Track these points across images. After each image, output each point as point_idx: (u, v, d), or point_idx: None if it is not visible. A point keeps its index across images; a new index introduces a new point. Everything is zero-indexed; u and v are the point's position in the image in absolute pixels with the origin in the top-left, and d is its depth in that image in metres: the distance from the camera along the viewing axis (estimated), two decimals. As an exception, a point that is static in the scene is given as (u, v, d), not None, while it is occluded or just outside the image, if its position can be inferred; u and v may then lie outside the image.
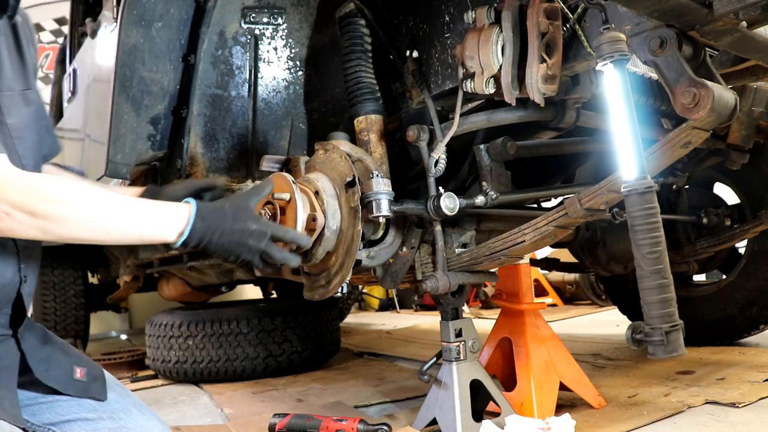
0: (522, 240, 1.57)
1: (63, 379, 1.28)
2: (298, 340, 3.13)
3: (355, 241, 1.53)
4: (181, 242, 1.19)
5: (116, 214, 1.12)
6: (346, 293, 1.60)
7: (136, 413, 1.34)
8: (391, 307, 6.77)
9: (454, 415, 1.66)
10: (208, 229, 1.20)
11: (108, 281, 4.49)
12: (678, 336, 1.08)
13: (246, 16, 1.88)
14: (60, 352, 1.33)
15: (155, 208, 1.19)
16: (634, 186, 1.12)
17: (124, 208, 1.14)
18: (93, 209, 1.08)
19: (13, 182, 1.02)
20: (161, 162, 2.06)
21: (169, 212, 1.19)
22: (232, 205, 1.26)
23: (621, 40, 1.18)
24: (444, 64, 1.70)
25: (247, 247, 1.24)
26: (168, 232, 1.17)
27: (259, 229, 1.26)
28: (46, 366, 1.27)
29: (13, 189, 1.01)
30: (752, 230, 2.47)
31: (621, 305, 3.34)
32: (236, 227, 1.23)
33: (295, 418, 1.87)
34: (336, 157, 1.62)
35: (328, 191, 1.59)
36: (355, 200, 1.53)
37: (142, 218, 1.15)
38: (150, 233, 1.16)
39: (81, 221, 1.07)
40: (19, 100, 1.23)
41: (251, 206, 1.29)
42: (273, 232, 1.28)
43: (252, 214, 1.28)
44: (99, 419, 1.28)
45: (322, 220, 1.55)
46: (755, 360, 2.53)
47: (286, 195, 1.50)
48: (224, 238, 1.22)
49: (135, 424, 1.30)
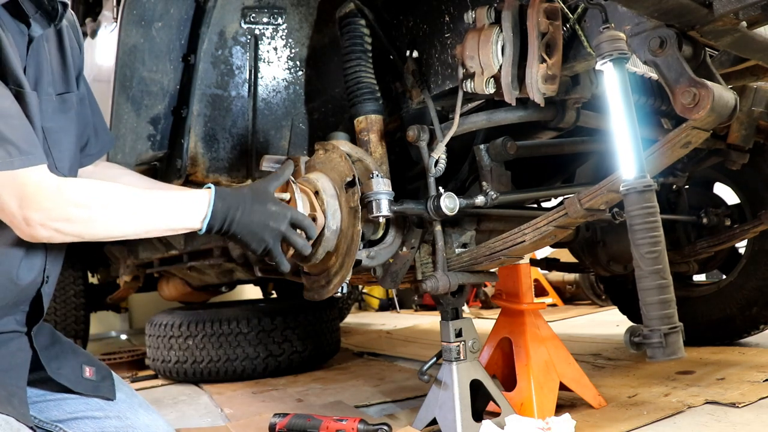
0: (522, 240, 1.57)
1: (73, 377, 1.30)
2: (298, 340, 3.13)
3: (355, 241, 1.53)
4: (206, 227, 1.22)
5: (144, 210, 1.16)
6: (346, 293, 1.60)
7: (142, 413, 1.35)
8: (391, 307, 6.77)
9: (454, 415, 1.66)
10: (230, 209, 1.22)
11: (108, 281, 4.49)
12: (677, 338, 1.07)
13: (246, 16, 1.88)
14: (69, 352, 1.35)
15: (178, 198, 1.21)
16: (632, 185, 1.12)
17: (150, 203, 1.18)
18: (123, 210, 1.14)
19: (51, 193, 1.06)
20: (161, 162, 2.06)
21: (190, 199, 1.22)
22: (251, 188, 1.29)
23: (620, 39, 1.17)
24: (444, 64, 1.70)
25: (269, 228, 1.27)
26: (192, 219, 1.21)
27: (280, 210, 1.28)
28: (58, 364, 1.29)
29: (50, 199, 1.06)
30: (752, 230, 2.47)
31: (621, 305, 3.34)
32: (256, 208, 1.26)
33: (295, 417, 1.87)
34: (336, 157, 1.63)
35: (328, 191, 1.59)
36: (355, 200, 1.53)
37: (168, 210, 1.19)
38: (176, 223, 1.20)
39: (113, 223, 1.13)
40: (57, 104, 1.26)
41: (270, 190, 1.31)
42: (292, 215, 1.30)
43: (272, 196, 1.30)
44: (106, 418, 1.30)
45: (322, 220, 1.55)
46: (755, 360, 2.53)
47: (286, 195, 1.50)
48: (246, 217, 1.24)
49: (141, 424, 1.32)
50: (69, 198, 1.09)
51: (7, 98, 1.05)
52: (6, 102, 1.05)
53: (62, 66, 1.30)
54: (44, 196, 1.06)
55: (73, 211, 1.09)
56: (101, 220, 1.12)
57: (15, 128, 1.04)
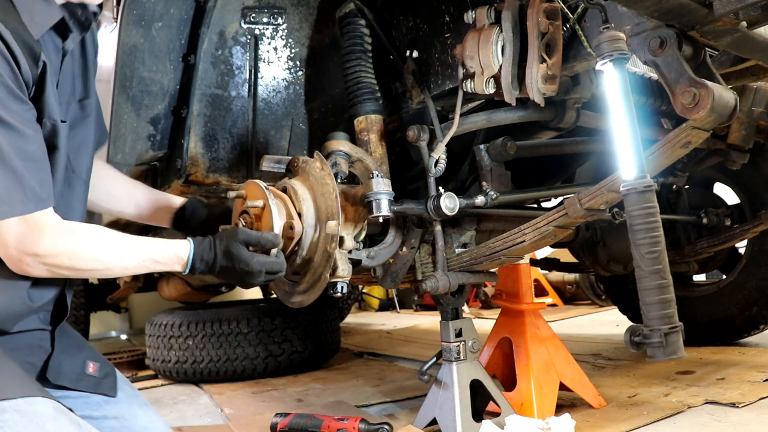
0: (522, 240, 1.57)
1: (74, 375, 1.31)
2: (298, 340, 3.13)
3: (330, 256, 1.50)
4: (188, 270, 1.30)
5: (134, 259, 1.24)
6: (345, 293, 1.59)
7: (141, 414, 1.36)
8: (391, 307, 6.77)
9: (454, 415, 1.66)
10: (207, 264, 1.31)
11: (108, 281, 4.49)
12: (677, 338, 1.07)
13: (246, 16, 1.88)
14: (75, 347, 1.37)
15: (163, 245, 1.29)
16: (633, 185, 1.12)
17: (140, 252, 1.25)
18: (117, 260, 1.22)
19: (49, 238, 1.12)
20: (161, 162, 2.06)
21: (172, 247, 1.30)
22: (222, 252, 1.32)
23: (620, 39, 1.17)
24: (444, 64, 1.70)
25: (251, 283, 1.36)
26: (176, 265, 1.30)
27: (249, 269, 1.32)
28: (59, 361, 1.30)
29: (52, 240, 1.12)
30: (752, 230, 2.47)
31: (621, 305, 3.34)
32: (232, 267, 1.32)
33: (296, 417, 1.87)
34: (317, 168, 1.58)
35: (306, 199, 1.55)
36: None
37: (155, 257, 1.26)
38: (162, 267, 1.29)
39: (108, 271, 1.22)
40: (78, 111, 1.31)
41: (240, 253, 1.33)
42: (267, 269, 1.35)
43: (243, 257, 1.32)
44: (104, 418, 1.31)
45: (299, 227, 1.52)
46: (755, 360, 2.53)
47: (259, 202, 1.48)
48: (226, 272, 1.33)
49: (138, 426, 1.33)
50: (69, 249, 1.15)
51: (35, 142, 1.11)
52: (32, 146, 1.10)
53: (83, 71, 1.34)
54: (42, 241, 1.11)
55: (71, 263, 1.15)
56: (95, 269, 1.19)
57: (34, 172, 1.10)
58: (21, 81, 1.09)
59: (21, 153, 1.07)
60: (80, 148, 1.32)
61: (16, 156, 1.06)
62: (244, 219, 1.51)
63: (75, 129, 1.29)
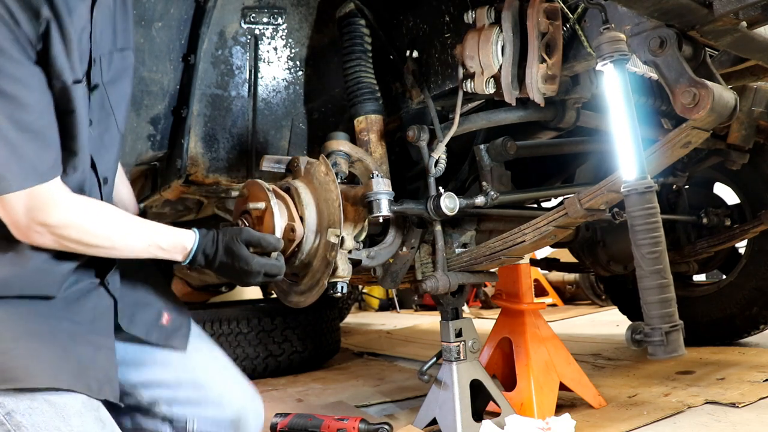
0: (522, 240, 1.57)
1: (146, 327, 1.31)
2: (298, 340, 3.13)
3: (330, 261, 1.50)
4: (188, 262, 1.29)
5: (141, 242, 1.21)
6: (345, 293, 1.59)
7: (218, 381, 1.35)
8: (391, 307, 6.77)
9: (454, 415, 1.66)
10: (208, 258, 1.30)
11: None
12: (678, 336, 1.08)
13: (246, 16, 1.88)
14: (151, 295, 1.36)
15: (169, 233, 1.26)
16: (633, 186, 1.12)
17: (148, 236, 1.22)
18: (124, 241, 1.18)
19: (62, 209, 1.10)
20: (161, 162, 2.06)
21: (178, 236, 1.27)
22: (224, 248, 1.31)
23: (621, 40, 1.17)
24: (444, 64, 1.70)
25: (249, 282, 1.35)
26: (178, 255, 1.27)
27: (248, 269, 1.32)
28: (132, 311, 1.29)
29: (60, 215, 1.09)
30: (752, 230, 2.47)
31: (621, 305, 3.34)
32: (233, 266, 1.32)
33: (296, 417, 1.87)
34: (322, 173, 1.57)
35: (309, 203, 1.54)
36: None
37: (160, 243, 1.23)
38: (165, 255, 1.25)
39: (113, 250, 1.18)
40: (118, 61, 1.26)
41: (241, 252, 1.32)
42: (266, 271, 1.34)
43: (243, 256, 1.31)
44: (178, 386, 1.30)
45: (301, 230, 1.51)
46: (755, 360, 2.53)
47: (261, 204, 1.48)
48: (224, 269, 1.32)
49: (213, 395, 1.31)
50: (79, 223, 1.12)
51: (34, 111, 1.05)
52: (32, 116, 1.04)
53: (124, 18, 1.28)
54: (53, 210, 1.08)
55: (79, 228, 1.12)
56: (102, 246, 1.16)
57: (32, 143, 1.05)
58: (22, 42, 1.01)
59: (17, 124, 1.02)
60: (119, 103, 1.27)
61: (11, 128, 1.01)
62: (245, 219, 1.51)
63: (116, 83, 1.24)
